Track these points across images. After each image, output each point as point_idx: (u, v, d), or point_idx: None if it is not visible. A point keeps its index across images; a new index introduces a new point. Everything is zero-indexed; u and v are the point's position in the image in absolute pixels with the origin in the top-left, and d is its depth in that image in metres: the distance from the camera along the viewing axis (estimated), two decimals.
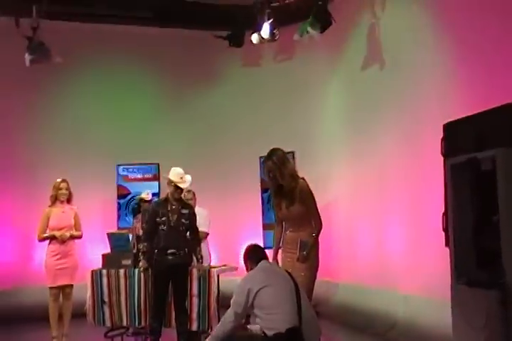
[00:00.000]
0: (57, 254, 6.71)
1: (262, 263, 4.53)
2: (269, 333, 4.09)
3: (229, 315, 4.33)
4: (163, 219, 6.34)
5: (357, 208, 8.30)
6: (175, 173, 6.39)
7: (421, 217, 6.44)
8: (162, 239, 6.33)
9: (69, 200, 6.94)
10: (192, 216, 6.45)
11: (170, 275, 6.35)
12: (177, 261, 6.32)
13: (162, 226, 6.34)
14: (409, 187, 6.78)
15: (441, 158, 5.05)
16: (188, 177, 6.45)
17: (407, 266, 6.76)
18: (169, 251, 6.30)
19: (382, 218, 7.52)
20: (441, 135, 5.03)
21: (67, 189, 6.91)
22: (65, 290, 6.73)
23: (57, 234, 6.71)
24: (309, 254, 5.00)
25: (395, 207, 7.12)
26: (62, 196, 6.86)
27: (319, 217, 5.12)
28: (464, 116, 4.77)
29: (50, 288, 6.69)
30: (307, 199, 5.07)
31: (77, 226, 6.97)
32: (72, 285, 6.82)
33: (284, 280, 4.37)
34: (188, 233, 6.47)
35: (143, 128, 10.45)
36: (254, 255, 4.63)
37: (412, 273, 6.60)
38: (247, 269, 4.67)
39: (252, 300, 4.22)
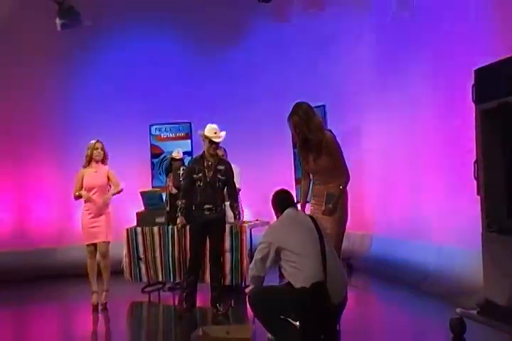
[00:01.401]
0: (90, 213, 6.73)
1: (288, 211, 4.44)
2: (296, 285, 4.06)
3: (251, 265, 4.35)
4: (200, 175, 6.30)
5: (389, 160, 8.16)
6: (209, 129, 6.33)
7: (454, 166, 6.28)
8: (199, 195, 6.30)
9: (103, 161, 6.89)
10: (228, 172, 6.39)
11: (206, 231, 6.34)
12: (213, 216, 6.30)
13: (199, 183, 6.31)
14: (442, 137, 6.60)
15: (473, 105, 4.89)
16: (223, 133, 6.38)
17: (440, 216, 6.64)
18: (205, 207, 6.28)
19: (414, 169, 7.37)
20: (471, 81, 4.87)
21: (102, 149, 6.87)
22: (100, 248, 6.75)
23: (84, 194, 6.70)
24: (336, 207, 4.89)
25: (428, 157, 6.96)
26: (97, 156, 6.83)
27: (346, 169, 5.00)
28: (494, 61, 4.60)
29: (87, 245, 6.74)
30: (334, 151, 4.95)
31: (114, 182, 6.93)
32: (107, 243, 6.82)
33: (309, 233, 4.28)
34: (225, 189, 6.42)
35: (174, 87, 10.42)
36: (280, 202, 4.55)
37: (444, 223, 6.47)
38: (275, 214, 4.60)
39: (274, 253, 4.19)
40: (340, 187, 4.92)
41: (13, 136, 9.72)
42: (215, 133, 6.31)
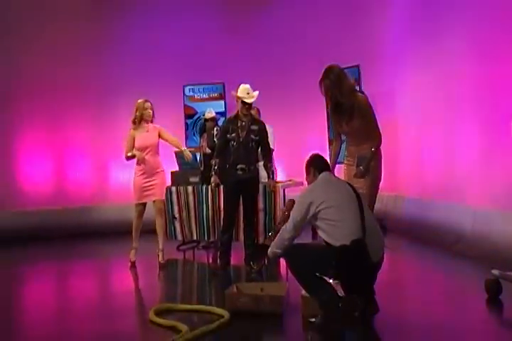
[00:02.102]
0: (143, 173, 6.76)
1: (324, 174, 4.44)
2: (335, 243, 4.07)
3: (288, 226, 4.29)
4: (233, 135, 6.33)
5: (424, 121, 8.08)
6: (241, 89, 6.33)
7: (491, 126, 6.18)
8: (232, 155, 6.35)
9: (152, 121, 6.90)
10: (262, 132, 6.40)
11: (239, 190, 6.39)
12: (246, 175, 6.35)
13: (232, 143, 6.35)
14: (479, 97, 6.47)
15: None
16: (255, 93, 6.37)
17: (475, 178, 6.58)
18: (239, 166, 6.33)
19: (450, 129, 7.27)
20: None
21: (152, 108, 6.87)
22: (157, 205, 6.84)
23: (138, 154, 6.70)
24: (367, 169, 4.90)
25: (464, 117, 6.85)
26: (147, 116, 6.83)
27: (379, 131, 4.97)
28: None
29: (136, 204, 6.81)
30: (366, 113, 4.92)
31: (172, 141, 6.98)
32: (162, 201, 6.94)
33: (346, 193, 4.28)
34: (259, 149, 6.45)
35: (208, 48, 10.40)
36: (317, 164, 4.53)
37: (481, 185, 6.42)
38: (307, 178, 4.59)
39: (313, 213, 4.17)
40: (372, 149, 4.91)
41: (50, 99, 9.83)
42: (248, 93, 6.31)
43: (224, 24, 10.48)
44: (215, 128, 7.87)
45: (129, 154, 6.76)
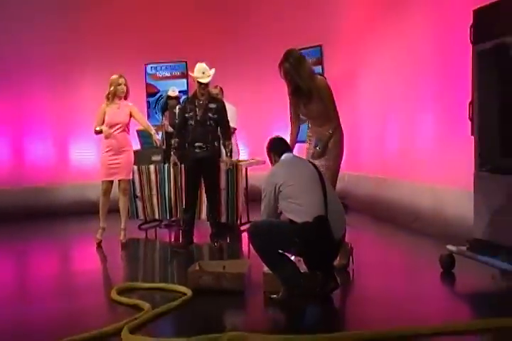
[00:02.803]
0: (110, 150, 6.69)
1: (285, 156, 4.51)
2: (298, 221, 4.13)
3: (261, 216, 4.37)
4: (191, 114, 6.34)
5: (385, 101, 8.16)
6: (197, 69, 6.33)
7: (448, 106, 6.28)
8: (190, 134, 6.37)
9: (126, 97, 6.83)
10: (220, 110, 6.40)
11: (198, 168, 6.40)
12: (204, 154, 6.35)
13: (190, 121, 6.36)
14: (438, 76, 6.57)
15: (470, 46, 4.90)
16: (212, 71, 6.35)
17: (433, 156, 6.70)
18: (196, 145, 6.34)
19: (409, 108, 7.37)
20: (470, 21, 4.86)
21: (126, 84, 6.79)
22: (122, 185, 6.79)
23: (105, 130, 6.63)
24: (324, 150, 5.01)
25: (423, 98, 6.96)
26: (121, 92, 6.75)
27: (337, 113, 5.08)
28: (493, 1, 4.58)
29: (102, 182, 6.76)
30: (325, 96, 5.01)
31: (143, 123, 6.97)
32: (128, 181, 6.91)
33: (308, 171, 4.36)
34: (218, 128, 6.46)
35: (170, 25, 10.26)
36: (277, 147, 4.61)
37: (437, 164, 6.54)
38: (271, 162, 4.68)
39: (279, 192, 4.24)
40: (330, 131, 5.01)
41: (12, 75, 9.61)
42: (203, 72, 6.29)
43: (187, 0, 10.38)
44: (177, 107, 7.82)
45: (97, 128, 6.70)
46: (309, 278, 4.19)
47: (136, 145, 7.81)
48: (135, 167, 7.44)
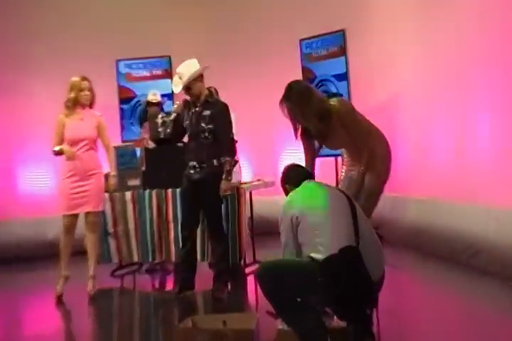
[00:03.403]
0: (73, 175, 6.63)
1: (305, 182, 4.46)
2: (318, 257, 4.03)
3: (284, 252, 4.31)
4: (187, 123, 6.41)
5: (428, 102, 8.13)
6: (177, 71, 6.37)
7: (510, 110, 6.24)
8: (186, 150, 6.45)
9: (91, 104, 6.81)
10: (218, 117, 6.33)
11: (194, 194, 6.37)
12: (197, 176, 6.33)
13: (188, 133, 6.44)
14: (499, 75, 6.50)
15: None
16: (188, 73, 6.24)
17: (493, 174, 6.63)
18: (190, 164, 6.37)
19: (461, 114, 7.33)
20: None
21: (91, 89, 6.75)
22: (87, 219, 6.73)
23: (66, 150, 6.54)
24: (359, 191, 5.04)
25: (479, 101, 6.91)
26: (85, 99, 6.71)
27: (369, 137, 5.05)
28: None
29: (64, 216, 6.70)
30: (348, 123, 5.00)
31: (103, 140, 6.89)
32: (98, 213, 6.86)
33: (334, 197, 4.28)
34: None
35: (149, 12, 10.28)
36: (292, 180, 4.54)
37: (500, 182, 6.47)
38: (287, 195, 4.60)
39: (297, 226, 4.17)
40: (362, 168, 5.03)
41: None
42: (180, 77, 6.28)
43: None
44: (159, 116, 7.73)
45: (56, 149, 6.59)
46: (337, 333, 4.07)
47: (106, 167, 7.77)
48: (106, 195, 7.36)
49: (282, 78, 5.20)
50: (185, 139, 6.76)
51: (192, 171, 6.34)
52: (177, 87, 6.26)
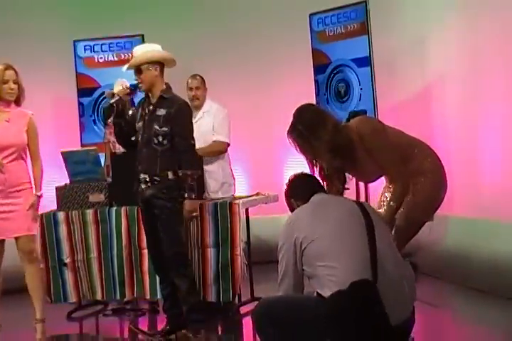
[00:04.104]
0: None
1: (314, 198, 4.52)
2: (326, 293, 4.10)
3: (279, 287, 4.37)
4: (139, 125, 6.54)
5: (475, 101, 8.16)
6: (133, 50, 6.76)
7: None
8: (138, 159, 6.55)
9: (18, 101, 6.84)
10: (175, 117, 6.42)
11: (150, 216, 6.53)
12: (148, 192, 6.47)
13: (140, 137, 6.54)
14: None
15: None
16: (145, 51, 6.56)
17: None
18: (141, 178, 6.49)
19: None
20: None
21: (17, 81, 6.76)
22: (22, 246, 6.74)
23: None
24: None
25: None
26: (9, 94, 6.73)
27: (399, 166, 5.18)
28: None
29: None
30: (374, 147, 5.13)
31: (32, 146, 6.89)
32: (31, 237, 6.86)
33: (347, 219, 4.34)
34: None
35: None
36: (299, 194, 4.63)
37: None
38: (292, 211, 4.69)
39: (301, 250, 4.24)
40: (392, 203, 5.18)
41: None
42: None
43: None
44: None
45: None
46: None
47: (64, 178, 7.86)
48: (60, 214, 7.47)
49: (286, 64, 5.25)
50: None
51: (143, 186, 6.47)
52: (124, 66, 6.59)
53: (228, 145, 7.98)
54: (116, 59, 10.19)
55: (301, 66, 9.77)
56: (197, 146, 7.18)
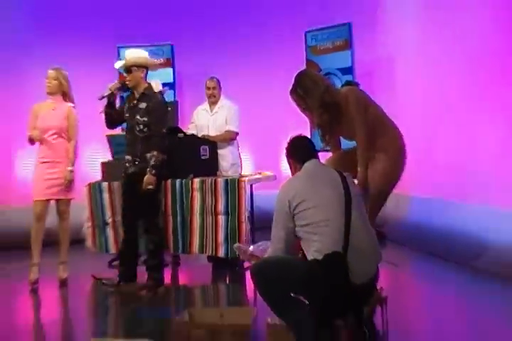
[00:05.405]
0: (45, 162, 6.89)
1: (307, 165, 4.47)
2: (309, 257, 4.15)
3: (273, 239, 4.35)
4: (127, 115, 6.72)
5: (433, 95, 8.16)
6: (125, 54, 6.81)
7: None
8: (125, 143, 6.78)
9: (65, 96, 7.03)
10: (152, 111, 6.56)
11: (131, 188, 6.67)
12: (131, 170, 6.68)
13: (126, 126, 6.85)
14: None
15: None
16: (135, 56, 6.64)
17: (500, 172, 6.64)
18: (126, 158, 6.70)
19: (470, 109, 7.34)
20: None
21: (56, 78, 6.95)
22: (59, 206, 6.93)
23: (35, 134, 6.84)
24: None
25: (488, 95, 6.96)
26: (47, 87, 6.97)
27: (367, 132, 5.22)
28: None
29: (35, 202, 6.83)
30: (352, 112, 5.21)
31: (70, 130, 7.01)
32: (68, 201, 6.99)
33: (331, 191, 4.29)
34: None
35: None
36: (297, 154, 4.58)
37: (507, 181, 6.49)
38: (291, 169, 4.67)
39: (293, 214, 4.22)
40: (359, 168, 5.24)
41: None
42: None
43: None
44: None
45: (29, 134, 6.88)
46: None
47: (108, 156, 7.99)
48: (104, 184, 7.49)
49: (285, 71, 5.34)
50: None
51: (128, 165, 6.67)
52: (119, 63, 6.67)
53: (237, 134, 8.08)
54: None
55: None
56: (213, 134, 7.72)
